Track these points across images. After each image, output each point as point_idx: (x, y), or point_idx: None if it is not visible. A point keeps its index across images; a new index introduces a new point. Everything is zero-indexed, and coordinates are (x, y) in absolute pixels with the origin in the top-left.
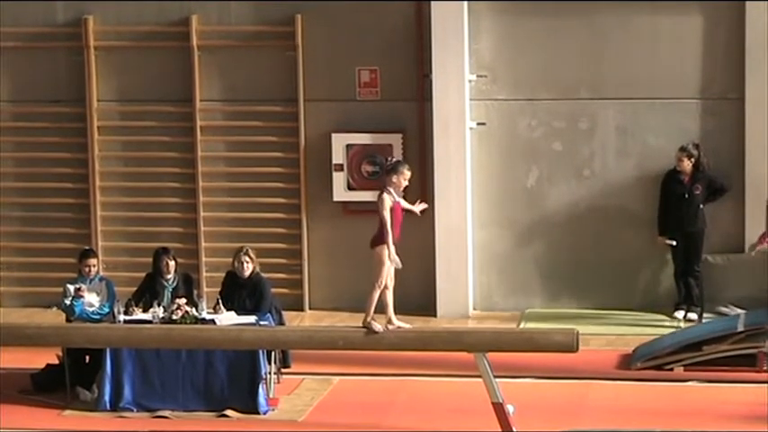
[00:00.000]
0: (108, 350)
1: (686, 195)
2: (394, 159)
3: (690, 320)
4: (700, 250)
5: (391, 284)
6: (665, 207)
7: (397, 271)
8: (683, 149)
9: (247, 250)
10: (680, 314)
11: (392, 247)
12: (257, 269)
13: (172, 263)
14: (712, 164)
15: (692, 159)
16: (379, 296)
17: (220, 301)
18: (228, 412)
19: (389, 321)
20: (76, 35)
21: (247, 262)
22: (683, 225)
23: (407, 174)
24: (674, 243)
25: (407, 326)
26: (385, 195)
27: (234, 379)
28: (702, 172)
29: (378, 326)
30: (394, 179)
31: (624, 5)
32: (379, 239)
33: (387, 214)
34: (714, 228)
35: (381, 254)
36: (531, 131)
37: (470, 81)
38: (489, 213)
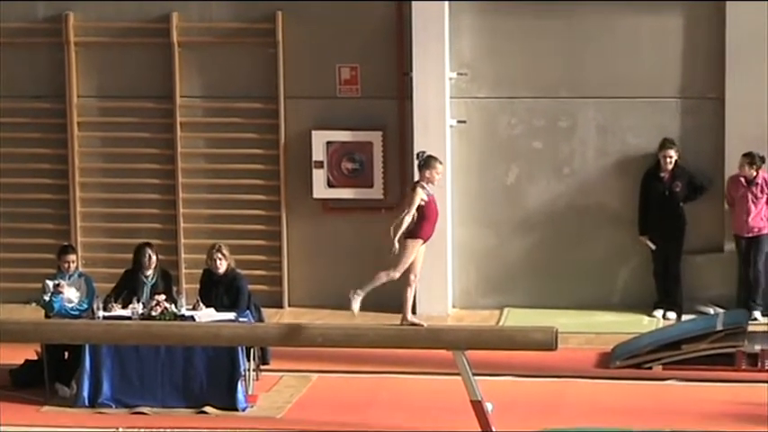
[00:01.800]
0: (87, 346)
1: (666, 193)
2: (426, 154)
3: (669, 319)
4: (680, 249)
5: (415, 283)
6: (646, 206)
7: (377, 269)
8: (668, 145)
9: (220, 247)
10: (659, 313)
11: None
12: (232, 265)
13: (154, 257)
14: (691, 163)
15: (677, 152)
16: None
17: (199, 300)
18: (207, 409)
19: (404, 318)
20: (57, 31)
21: (220, 259)
22: (663, 223)
23: (440, 168)
24: (654, 247)
25: (423, 323)
26: (419, 189)
27: (213, 375)
28: (682, 169)
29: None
30: (427, 174)
31: (605, 5)
32: (412, 233)
33: (413, 208)
34: (694, 227)
35: (409, 245)
36: (511, 130)
37: (451, 79)
38: (469, 211)
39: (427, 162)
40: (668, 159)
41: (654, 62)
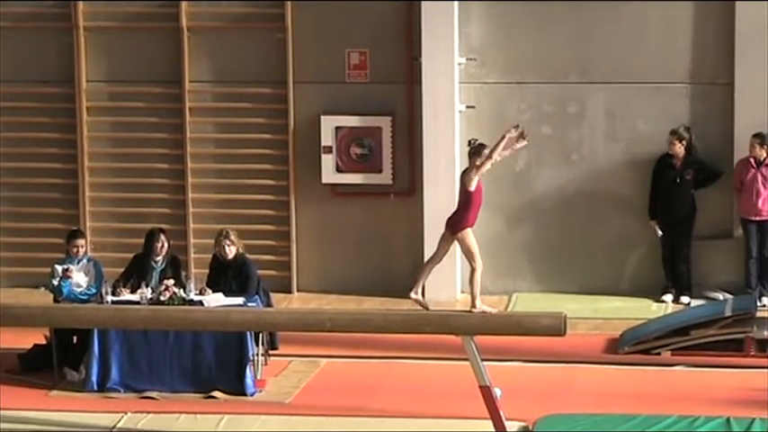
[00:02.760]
0: (95, 331)
1: (677, 180)
2: (477, 142)
3: (678, 305)
4: (689, 235)
5: (437, 263)
6: (656, 191)
7: (385, 254)
8: (673, 133)
9: (227, 233)
10: (668, 298)
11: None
12: (241, 251)
13: (166, 244)
14: (700, 148)
15: (684, 143)
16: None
17: (206, 285)
18: (216, 394)
19: (415, 291)
20: (66, 16)
21: (229, 245)
22: (674, 209)
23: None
24: (660, 233)
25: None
26: (473, 175)
27: (221, 360)
28: (694, 156)
29: (486, 307)
30: (477, 162)
31: None
32: (460, 224)
33: (472, 189)
34: (702, 213)
35: (465, 237)
36: (520, 115)
37: (460, 64)
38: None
39: (478, 150)
40: (670, 147)
41: (663, 47)
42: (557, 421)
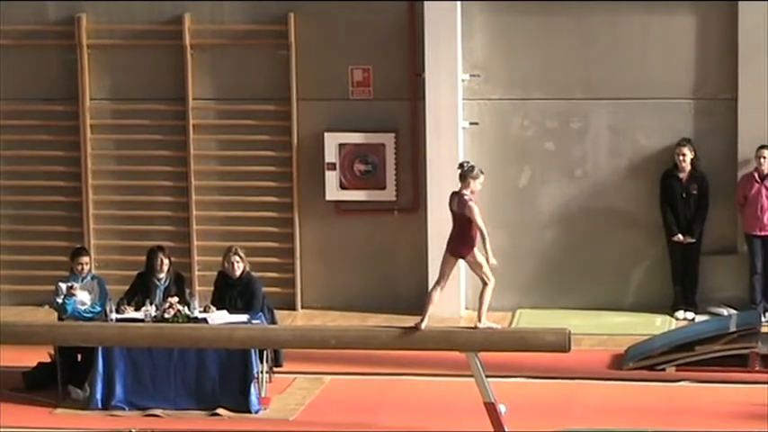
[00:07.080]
0: (100, 349)
1: (683, 195)
2: (470, 164)
3: (687, 320)
4: (698, 249)
5: (445, 285)
6: (667, 207)
7: (389, 270)
8: (681, 144)
9: (236, 250)
10: (681, 314)
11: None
12: (248, 268)
13: (166, 261)
14: (704, 164)
15: (693, 152)
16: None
17: (211, 303)
18: (220, 411)
19: (423, 321)
20: (69, 33)
21: (237, 262)
22: (683, 224)
23: (482, 178)
24: (681, 237)
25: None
26: (472, 204)
27: (226, 378)
28: (700, 172)
29: (491, 323)
30: (471, 185)
31: (617, 5)
32: (467, 248)
33: (479, 219)
34: (706, 229)
35: (476, 256)
36: (523, 131)
37: (463, 80)
38: (481, 213)
39: (477, 173)
40: (682, 157)
41: (666, 63)
42: None
